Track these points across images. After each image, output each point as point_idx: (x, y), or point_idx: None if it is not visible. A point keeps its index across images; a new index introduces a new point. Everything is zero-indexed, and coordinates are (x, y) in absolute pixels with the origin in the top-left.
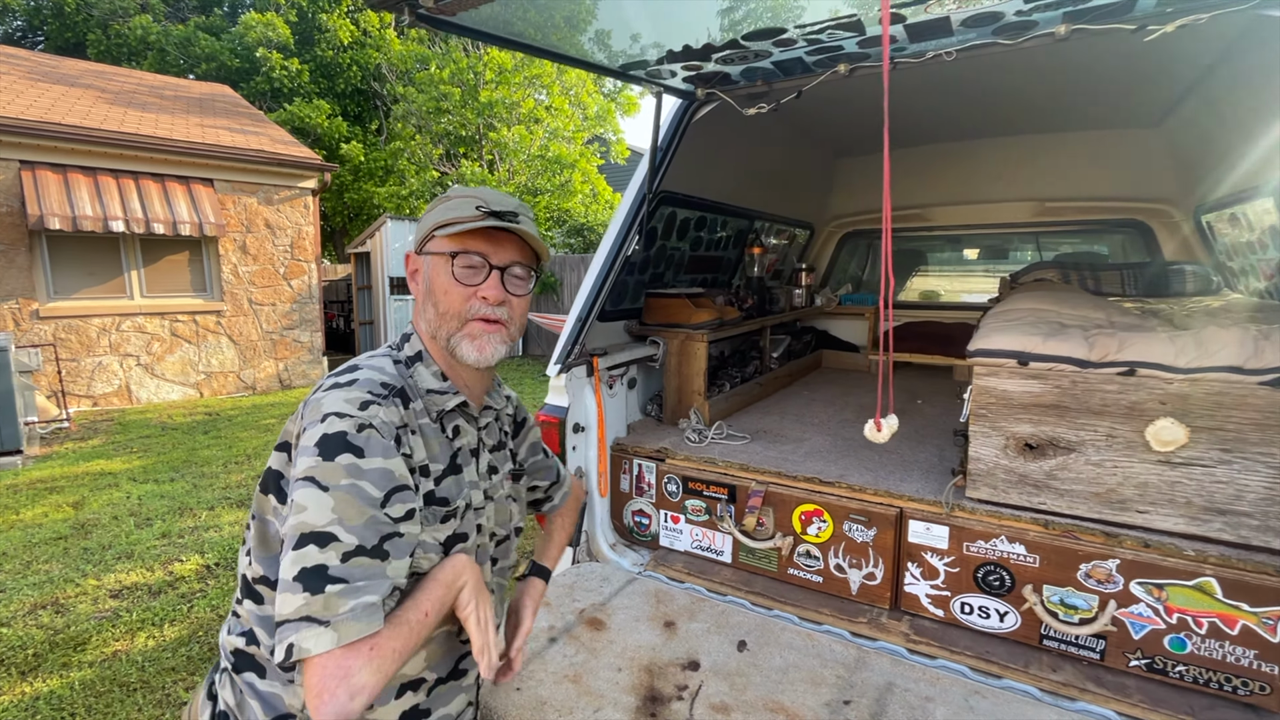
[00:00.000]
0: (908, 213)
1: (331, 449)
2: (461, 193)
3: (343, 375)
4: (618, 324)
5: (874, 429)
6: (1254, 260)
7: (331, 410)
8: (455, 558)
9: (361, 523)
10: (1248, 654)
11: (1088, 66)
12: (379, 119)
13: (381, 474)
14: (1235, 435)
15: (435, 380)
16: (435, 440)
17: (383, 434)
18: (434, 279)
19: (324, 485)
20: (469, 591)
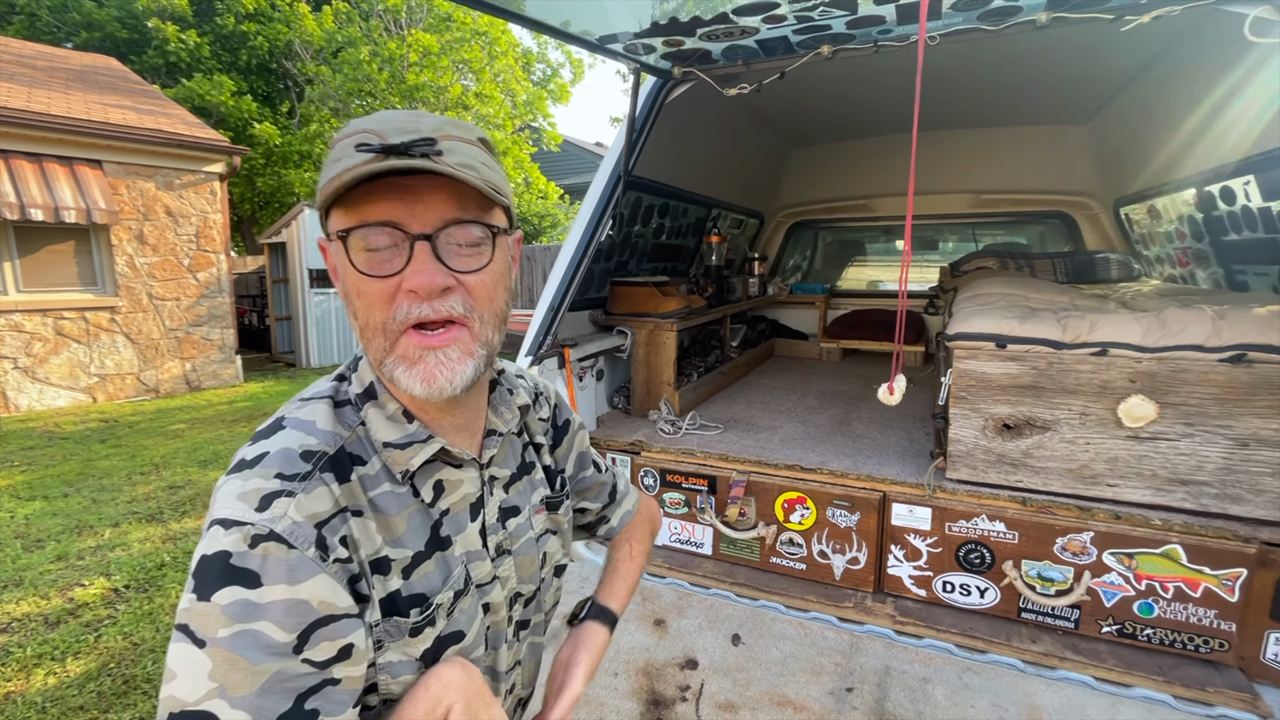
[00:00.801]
0: (852, 203)
1: (208, 581)
2: (346, 130)
3: (257, 441)
4: (582, 314)
5: (887, 392)
6: (1170, 249)
7: (217, 515)
8: (432, 676)
9: (256, 689)
10: (1209, 614)
11: (1027, 65)
12: (291, 100)
13: (289, 608)
14: (1197, 409)
15: (393, 427)
16: (402, 514)
17: (293, 543)
18: (340, 272)
19: (198, 638)
20: (460, 714)
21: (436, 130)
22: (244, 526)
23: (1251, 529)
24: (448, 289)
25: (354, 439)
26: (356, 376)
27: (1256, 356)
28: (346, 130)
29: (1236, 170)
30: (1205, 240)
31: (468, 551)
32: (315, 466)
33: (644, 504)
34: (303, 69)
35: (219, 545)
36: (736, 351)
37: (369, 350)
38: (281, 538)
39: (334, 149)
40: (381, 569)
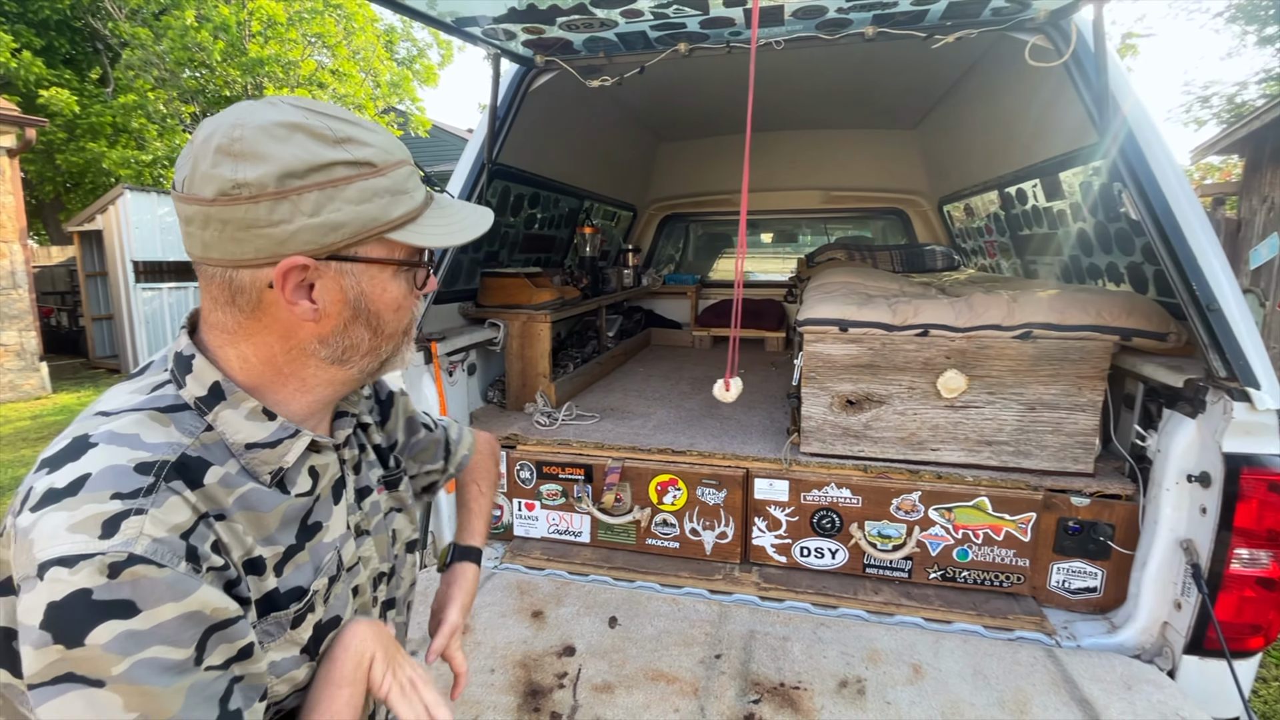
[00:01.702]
0: (719, 197)
1: (72, 628)
2: (387, 155)
3: (60, 466)
4: (451, 306)
5: (723, 389)
6: (981, 242)
7: (50, 556)
8: (347, 634)
9: (177, 708)
10: (1009, 554)
11: (867, 73)
12: (102, 65)
13: (180, 624)
14: (997, 380)
15: (255, 425)
16: (270, 513)
17: (161, 561)
18: (374, 296)
19: (94, 679)
20: (381, 665)
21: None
22: (93, 559)
23: (1039, 479)
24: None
25: (198, 445)
26: (193, 379)
27: (1040, 333)
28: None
29: (1027, 174)
30: (1007, 235)
31: (337, 536)
32: (158, 477)
33: (480, 441)
34: (116, 30)
35: (70, 586)
36: (613, 342)
37: (378, 353)
38: (145, 559)
39: (388, 175)
40: (255, 569)
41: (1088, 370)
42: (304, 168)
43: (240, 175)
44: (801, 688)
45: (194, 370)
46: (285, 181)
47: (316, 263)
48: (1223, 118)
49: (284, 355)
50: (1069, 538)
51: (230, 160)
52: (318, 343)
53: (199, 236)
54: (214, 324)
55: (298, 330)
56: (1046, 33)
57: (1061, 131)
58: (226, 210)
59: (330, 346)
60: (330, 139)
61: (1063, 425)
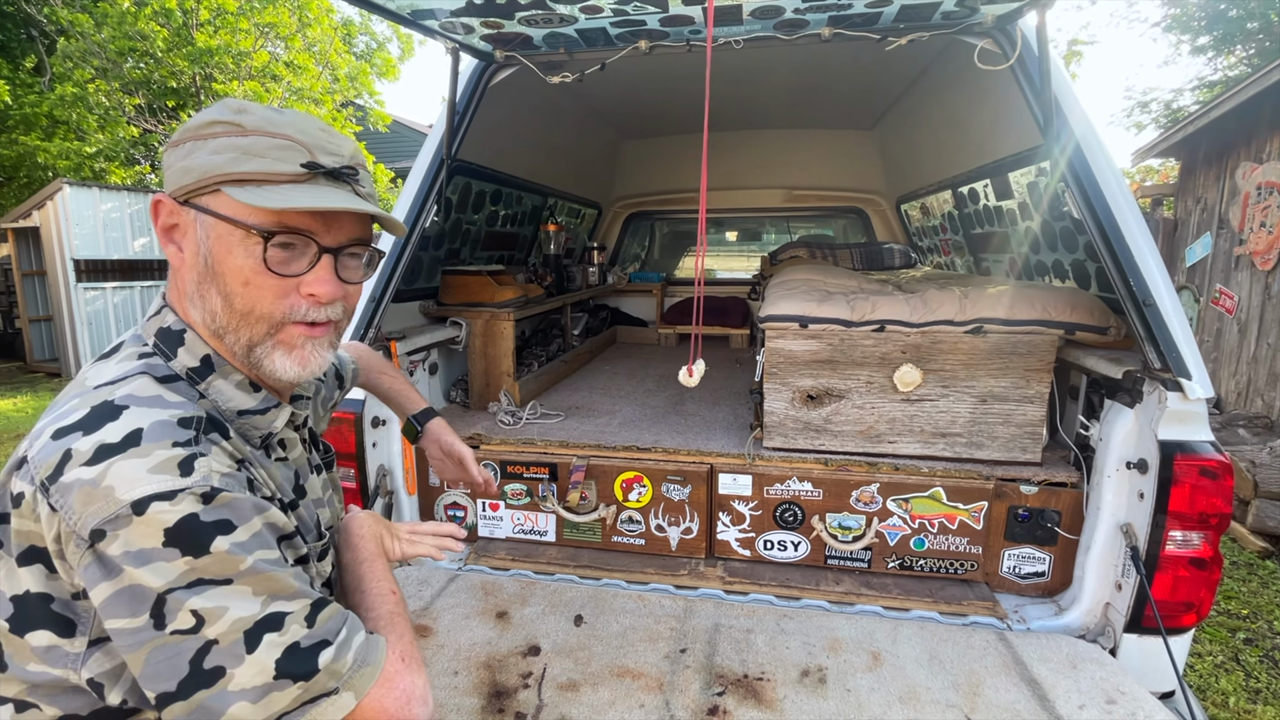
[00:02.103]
0: (684, 195)
1: (195, 542)
2: (266, 125)
3: (102, 427)
4: (412, 305)
5: (686, 374)
6: (936, 240)
7: (144, 494)
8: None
9: (295, 586)
10: (963, 542)
11: (826, 74)
12: (38, 54)
13: (266, 533)
14: (950, 374)
15: (245, 395)
16: (270, 467)
17: (235, 490)
18: (220, 256)
19: (223, 580)
20: (387, 538)
21: (354, 157)
22: (184, 492)
23: (990, 469)
24: (337, 298)
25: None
26: (185, 351)
27: (990, 328)
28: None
29: (978, 174)
30: (960, 233)
31: (316, 499)
32: (199, 430)
33: (353, 349)
34: (53, 16)
35: (176, 514)
36: (579, 340)
37: (240, 330)
38: (224, 489)
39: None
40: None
41: (1035, 363)
42: (198, 124)
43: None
44: (765, 679)
45: (186, 344)
46: (183, 133)
47: (174, 204)
48: (1160, 122)
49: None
50: (1019, 525)
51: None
52: (189, 300)
53: None
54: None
55: (179, 281)
56: (994, 37)
57: (1011, 133)
58: (167, 154)
59: (197, 307)
60: (232, 108)
61: (1012, 417)
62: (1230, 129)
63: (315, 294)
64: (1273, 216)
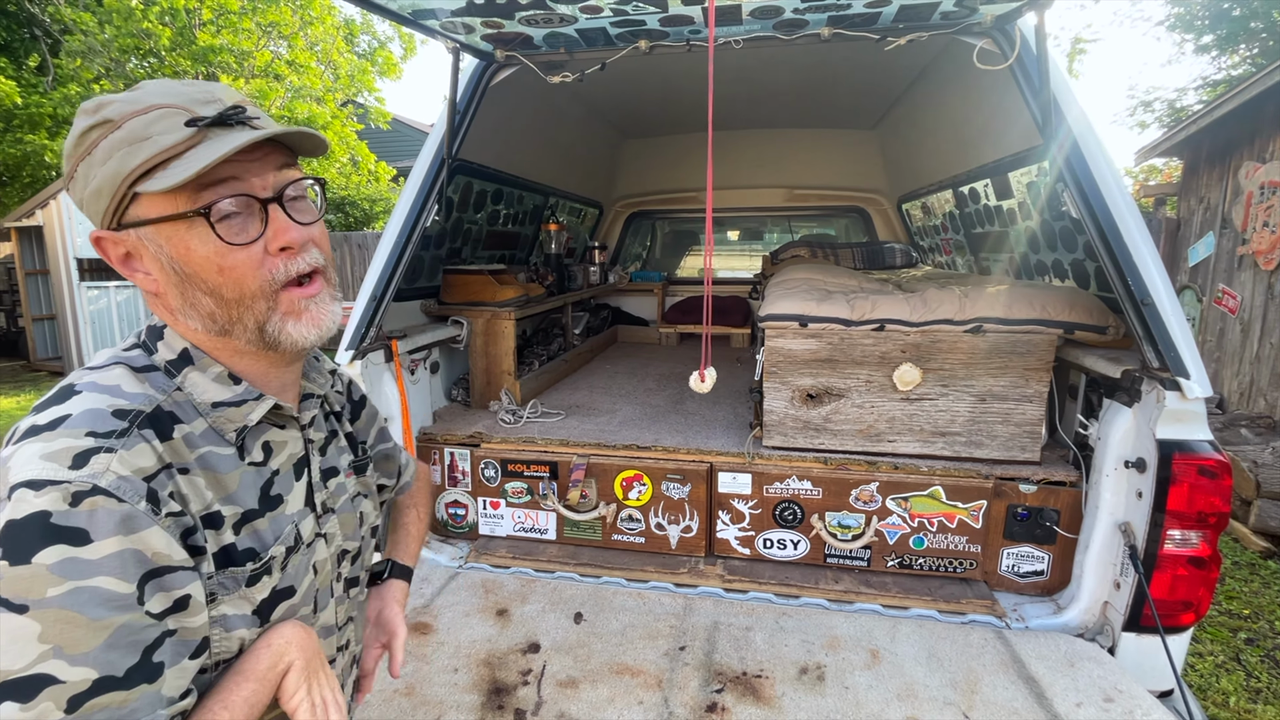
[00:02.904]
0: (685, 195)
1: (24, 544)
2: (131, 105)
3: (45, 410)
4: (413, 304)
5: (698, 380)
6: (938, 240)
7: (21, 479)
8: (274, 633)
9: (98, 644)
10: (962, 541)
11: (827, 74)
12: (41, 53)
13: (125, 559)
14: (950, 373)
15: (221, 387)
16: (232, 473)
17: (122, 496)
18: (183, 257)
19: (17, 605)
20: (297, 675)
21: (227, 95)
22: (60, 485)
23: (989, 468)
24: (307, 241)
25: (170, 402)
26: (165, 345)
27: (989, 327)
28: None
29: (979, 174)
30: (961, 233)
31: (297, 510)
32: (132, 424)
33: (420, 470)
34: (57, 15)
35: (32, 507)
36: (579, 339)
37: (243, 317)
38: (108, 492)
39: (127, 125)
40: (214, 524)
41: (1034, 363)
42: (73, 144)
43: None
44: (763, 676)
45: (165, 338)
46: (69, 162)
47: (114, 234)
48: (1164, 122)
49: (186, 328)
50: (1018, 524)
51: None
52: (184, 315)
53: None
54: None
55: (166, 303)
56: (993, 37)
57: (1010, 133)
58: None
59: (195, 318)
60: (90, 110)
61: (1011, 416)
62: (1233, 128)
63: (285, 244)
64: (1276, 216)
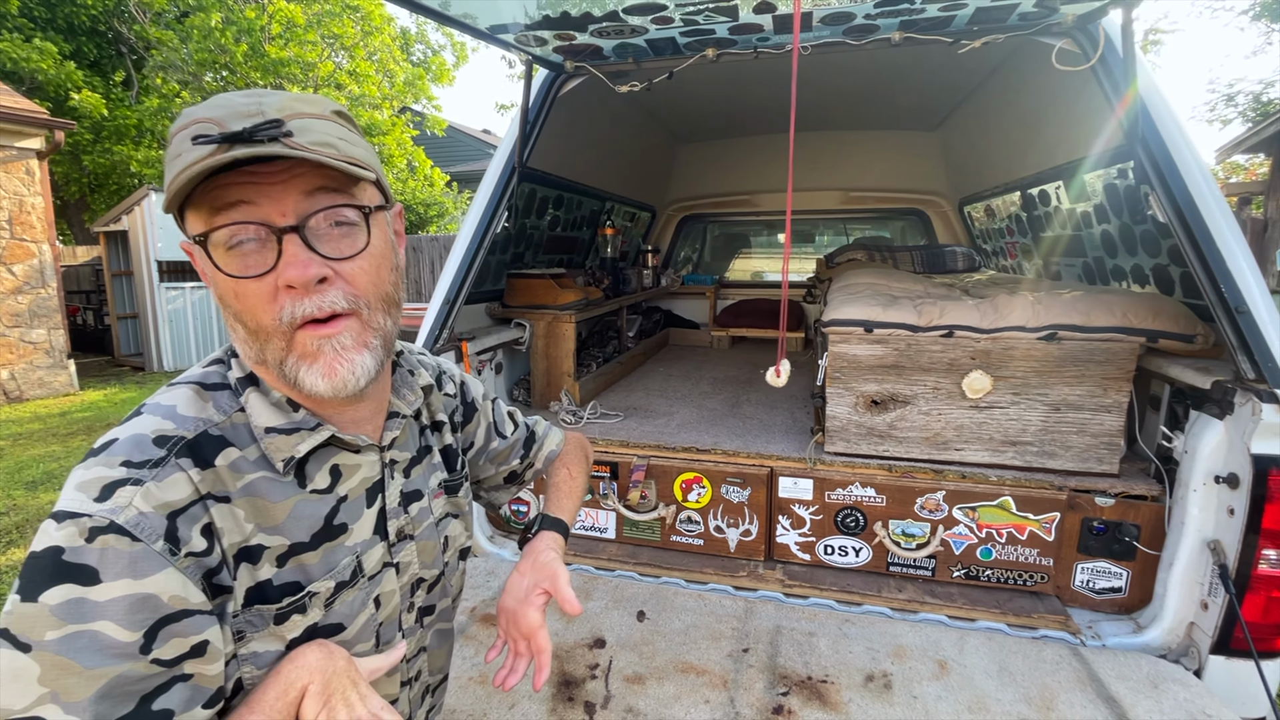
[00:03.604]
0: (736, 198)
1: (36, 580)
2: (185, 118)
3: (111, 431)
4: (478, 307)
5: (774, 375)
6: (1003, 243)
7: (56, 509)
8: (286, 660)
9: (89, 695)
10: (1033, 553)
11: (889, 76)
12: (126, 68)
13: (134, 604)
14: (1022, 381)
15: (277, 414)
16: (282, 502)
17: (137, 535)
18: (209, 279)
19: (22, 643)
20: (313, 699)
21: (282, 110)
22: (79, 519)
23: (1063, 479)
24: (324, 280)
25: (228, 424)
26: (238, 361)
27: (1065, 335)
28: (181, 121)
29: (1050, 176)
30: (1029, 236)
31: (362, 540)
32: (170, 452)
33: (571, 437)
34: (141, 33)
35: (50, 541)
36: (633, 341)
37: (265, 352)
38: (123, 530)
39: (171, 144)
40: (250, 557)
41: (1113, 372)
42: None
43: None
44: (829, 681)
45: (239, 355)
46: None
47: (187, 245)
48: (1248, 116)
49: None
50: (1093, 538)
51: None
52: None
53: None
54: None
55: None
56: (1074, 37)
57: (1086, 133)
58: None
59: (237, 339)
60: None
61: (1088, 426)
62: None
63: (289, 282)
64: None
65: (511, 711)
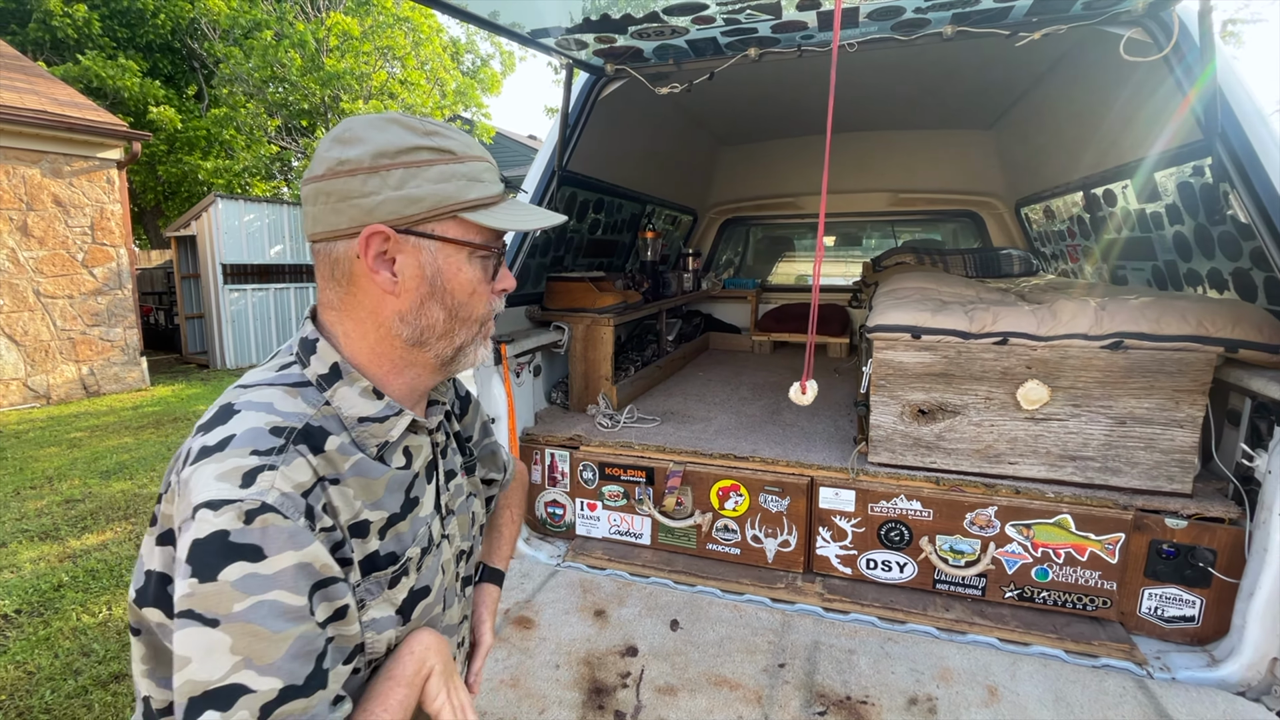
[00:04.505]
0: (780, 200)
1: (209, 563)
2: (469, 149)
3: (211, 429)
4: (518, 310)
5: (799, 391)
6: (1063, 246)
7: (201, 500)
8: (415, 641)
9: (280, 655)
10: (1094, 576)
11: (940, 73)
12: (197, 83)
13: (296, 572)
14: (1083, 392)
15: (367, 402)
16: (379, 480)
17: (286, 513)
18: (449, 274)
19: (210, 619)
20: (438, 679)
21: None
22: (235, 504)
23: (1129, 498)
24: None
25: (320, 415)
26: (317, 359)
27: (1131, 343)
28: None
29: (1116, 175)
30: (1092, 238)
31: (428, 513)
32: (288, 440)
33: (518, 469)
34: (211, 50)
35: (213, 526)
36: (672, 345)
37: (456, 334)
38: (275, 509)
39: (464, 164)
40: (360, 532)
41: (1186, 384)
42: (394, 149)
43: (344, 154)
44: (869, 702)
45: (318, 352)
46: (378, 159)
47: (396, 235)
48: None
49: (375, 334)
50: (1163, 562)
51: (339, 145)
52: (399, 320)
53: (311, 213)
54: (325, 303)
55: (383, 306)
56: (1144, 25)
57: (1157, 129)
58: (331, 184)
59: (410, 325)
60: (419, 131)
61: (1157, 442)
62: None
63: (506, 288)
64: None
65: (542, 716)
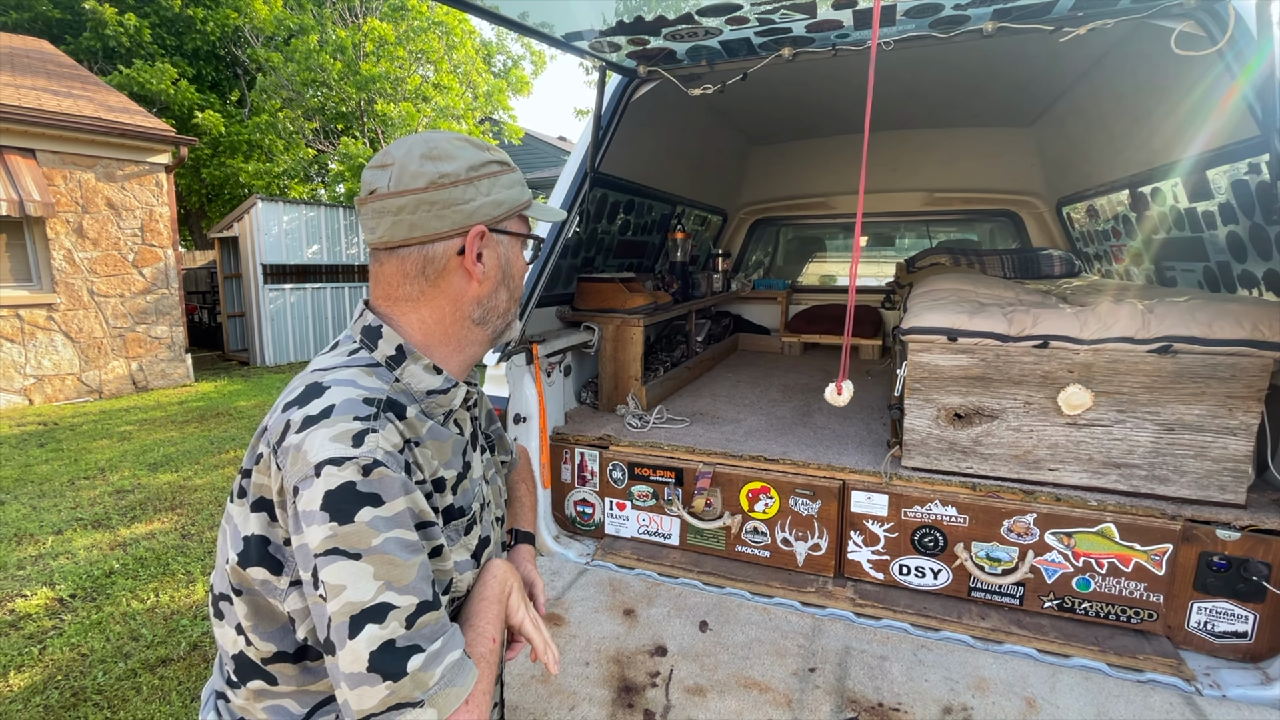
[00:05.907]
0: (812, 200)
1: (344, 509)
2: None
3: (310, 403)
4: (549, 310)
5: (835, 393)
6: (1106, 246)
7: (323, 458)
8: (493, 568)
9: (412, 578)
10: (1139, 587)
11: (978, 70)
12: (240, 88)
13: (407, 514)
14: (1128, 397)
15: (431, 377)
16: (447, 443)
17: (392, 467)
18: (514, 261)
19: (353, 553)
20: (517, 597)
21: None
22: (352, 460)
23: (1177, 507)
24: None
25: (394, 390)
26: (384, 343)
27: (1181, 347)
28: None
29: (1164, 172)
30: (1138, 238)
31: (479, 475)
32: (379, 409)
33: (520, 450)
34: (253, 56)
35: (339, 479)
36: (702, 346)
37: (507, 314)
38: (384, 463)
39: (512, 174)
40: (439, 487)
41: (1240, 390)
42: (478, 163)
43: (443, 169)
44: (902, 710)
45: (384, 336)
46: (470, 172)
47: (489, 232)
48: None
49: (450, 317)
50: (1213, 575)
51: (433, 161)
52: (475, 304)
53: (408, 220)
54: (398, 296)
55: (464, 294)
56: (1197, 18)
57: (1209, 125)
58: (436, 194)
59: (482, 307)
60: (484, 148)
61: (1208, 450)
62: None
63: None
64: None
65: (572, 713)
